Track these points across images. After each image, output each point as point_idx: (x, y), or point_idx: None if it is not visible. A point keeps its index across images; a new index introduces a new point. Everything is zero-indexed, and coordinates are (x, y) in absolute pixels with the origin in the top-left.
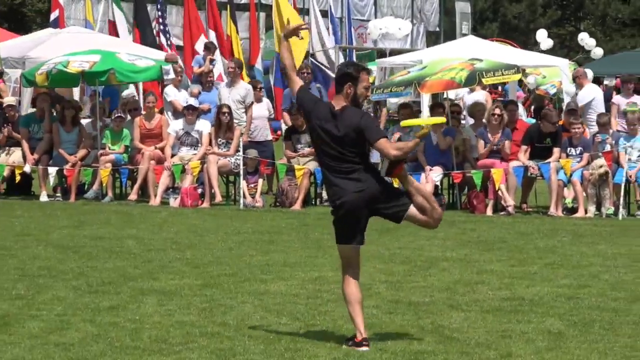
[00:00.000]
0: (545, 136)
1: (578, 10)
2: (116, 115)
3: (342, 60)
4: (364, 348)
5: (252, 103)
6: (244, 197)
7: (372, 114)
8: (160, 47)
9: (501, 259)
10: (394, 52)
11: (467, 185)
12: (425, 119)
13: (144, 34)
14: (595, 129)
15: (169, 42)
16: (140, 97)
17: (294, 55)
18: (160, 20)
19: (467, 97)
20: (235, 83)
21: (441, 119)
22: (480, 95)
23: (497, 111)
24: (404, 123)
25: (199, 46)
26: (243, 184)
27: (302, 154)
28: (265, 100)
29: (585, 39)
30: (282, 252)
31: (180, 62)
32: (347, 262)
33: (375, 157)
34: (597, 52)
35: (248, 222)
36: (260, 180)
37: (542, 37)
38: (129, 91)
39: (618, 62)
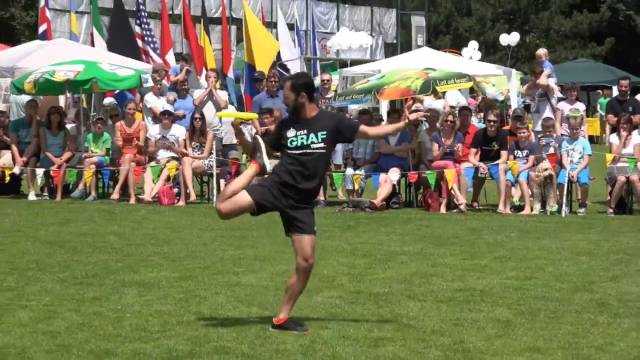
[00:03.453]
0: (490, 139)
1: (524, 24)
2: (96, 118)
3: (306, 70)
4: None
5: (227, 105)
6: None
7: None
8: (149, 59)
9: (454, 253)
10: (355, 62)
11: (422, 185)
12: (239, 113)
13: (120, 48)
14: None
15: (157, 52)
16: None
17: (265, 62)
18: (147, 36)
19: (425, 104)
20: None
21: (253, 115)
22: (438, 103)
23: (450, 117)
24: (218, 114)
25: (169, 58)
26: (222, 183)
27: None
28: (231, 107)
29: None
30: (252, 247)
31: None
32: None
33: (338, 159)
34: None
35: (221, 219)
36: None
37: (470, 51)
38: (111, 99)
39: (561, 72)
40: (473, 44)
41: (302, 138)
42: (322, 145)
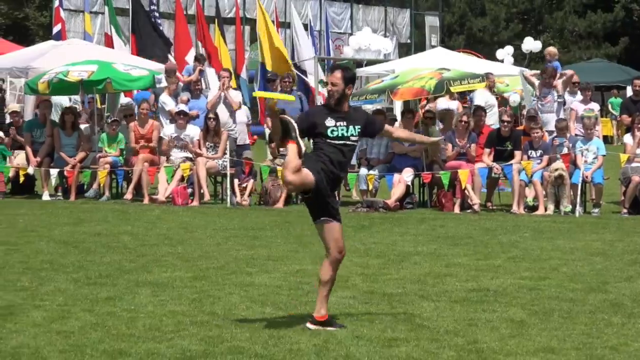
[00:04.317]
0: (504, 140)
1: (538, 24)
2: (112, 119)
3: (320, 70)
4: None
5: (240, 104)
6: (235, 194)
7: None
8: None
9: (468, 253)
10: (369, 63)
11: (436, 185)
12: (277, 94)
13: (144, 45)
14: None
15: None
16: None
17: (277, 63)
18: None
19: (439, 104)
20: (228, 90)
21: (291, 97)
22: (453, 104)
23: (465, 118)
24: (255, 94)
25: (189, 58)
26: (235, 182)
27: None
28: (244, 107)
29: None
30: (266, 247)
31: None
32: None
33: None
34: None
35: (234, 219)
36: (252, 181)
37: (504, 54)
38: (128, 100)
39: (575, 72)
40: (509, 49)
41: (342, 129)
42: (357, 138)
